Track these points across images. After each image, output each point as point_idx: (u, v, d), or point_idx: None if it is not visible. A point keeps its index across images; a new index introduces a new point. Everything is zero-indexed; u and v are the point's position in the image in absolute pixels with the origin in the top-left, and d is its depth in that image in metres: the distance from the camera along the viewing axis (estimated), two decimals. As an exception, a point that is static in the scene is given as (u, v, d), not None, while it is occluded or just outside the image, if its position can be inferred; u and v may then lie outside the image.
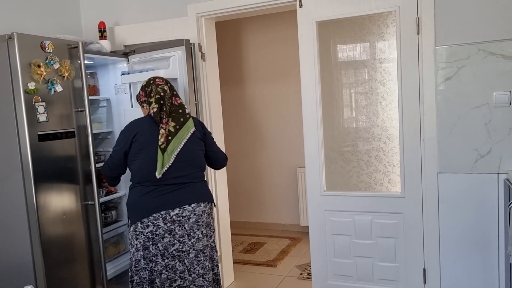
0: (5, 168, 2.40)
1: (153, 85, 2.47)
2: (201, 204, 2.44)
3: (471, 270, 2.55)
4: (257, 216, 5.05)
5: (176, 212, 2.36)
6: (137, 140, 2.39)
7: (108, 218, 3.16)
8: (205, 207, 2.46)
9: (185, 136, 2.41)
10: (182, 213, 2.37)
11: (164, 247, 2.36)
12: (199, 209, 2.42)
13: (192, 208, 2.40)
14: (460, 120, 2.50)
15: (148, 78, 2.54)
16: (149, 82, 2.50)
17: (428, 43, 2.53)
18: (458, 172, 2.53)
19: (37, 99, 2.36)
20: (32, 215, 2.36)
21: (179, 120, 2.41)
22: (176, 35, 3.06)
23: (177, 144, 2.38)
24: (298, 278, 3.59)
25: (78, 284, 2.62)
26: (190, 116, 2.47)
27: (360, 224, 2.79)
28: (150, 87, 2.47)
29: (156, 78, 2.53)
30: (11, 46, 2.27)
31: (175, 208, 2.36)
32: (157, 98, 2.39)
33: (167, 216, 2.35)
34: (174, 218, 2.36)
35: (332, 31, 2.91)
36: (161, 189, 2.37)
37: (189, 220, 2.39)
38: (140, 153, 2.39)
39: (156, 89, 2.43)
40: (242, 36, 4.89)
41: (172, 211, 2.36)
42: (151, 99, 2.42)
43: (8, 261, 2.46)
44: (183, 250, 2.39)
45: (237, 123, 4.97)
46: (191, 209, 2.40)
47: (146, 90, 2.49)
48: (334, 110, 2.99)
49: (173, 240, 2.37)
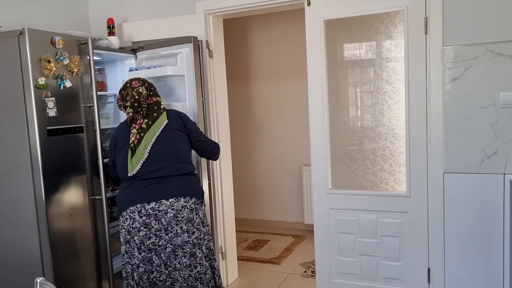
0: (14, 162, 2.43)
1: (129, 88, 2.51)
2: (181, 199, 2.41)
3: (476, 271, 2.56)
4: (261, 213, 5.06)
5: (152, 206, 2.37)
6: (118, 142, 2.52)
7: (114, 213, 3.18)
8: (186, 202, 2.42)
9: (158, 130, 2.45)
10: (158, 207, 2.38)
11: (140, 240, 2.39)
12: (178, 204, 2.40)
13: (170, 203, 2.39)
14: (467, 120, 2.50)
15: (125, 81, 2.58)
16: (126, 85, 2.54)
17: (436, 43, 2.53)
18: (464, 172, 2.53)
19: (47, 94, 2.38)
20: (41, 208, 2.39)
21: (152, 116, 2.47)
22: (183, 32, 3.08)
23: (150, 139, 2.43)
24: (302, 275, 3.60)
25: (85, 277, 2.65)
26: (164, 110, 2.51)
27: (365, 223, 2.80)
28: (126, 90, 2.52)
29: (133, 80, 2.55)
30: (22, 41, 2.30)
31: (151, 202, 2.38)
32: (132, 102, 2.45)
33: (142, 210, 2.37)
34: (150, 212, 2.37)
35: (339, 30, 2.92)
36: (137, 184, 2.42)
37: (166, 214, 2.39)
38: (119, 154, 2.50)
39: (131, 92, 2.48)
40: (249, 34, 4.90)
41: (147, 205, 2.37)
42: (127, 103, 2.48)
43: (17, 254, 2.49)
44: (159, 244, 2.40)
45: (243, 120, 4.99)
46: (169, 204, 2.39)
47: (122, 94, 2.54)
48: (340, 109, 2.99)
49: (149, 233, 2.38)
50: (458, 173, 2.55)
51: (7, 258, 2.52)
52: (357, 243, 2.85)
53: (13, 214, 2.47)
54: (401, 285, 2.77)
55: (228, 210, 3.46)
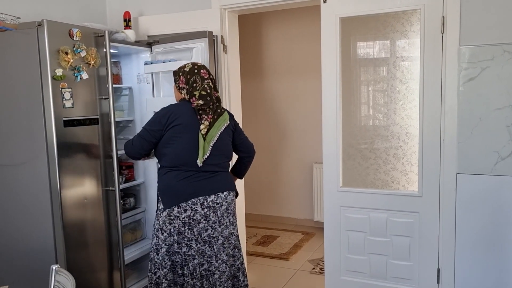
0: (31, 151, 2.47)
1: (197, 76, 2.46)
2: (231, 192, 2.54)
3: (486, 273, 2.54)
4: (271, 209, 5.08)
5: (212, 199, 2.44)
6: (176, 124, 2.40)
7: (127, 205, 3.23)
8: (233, 196, 2.56)
9: (222, 127, 2.49)
10: (216, 199, 2.45)
11: (198, 232, 2.44)
12: (229, 197, 2.52)
13: (224, 195, 2.48)
14: (482, 121, 2.48)
15: (191, 65, 2.50)
16: (193, 70, 2.47)
17: (452, 42, 2.51)
18: (477, 173, 2.52)
19: (64, 86, 2.42)
20: (55, 197, 2.43)
21: (217, 112, 2.49)
22: (199, 27, 3.09)
23: (215, 133, 2.45)
24: (310, 272, 3.62)
25: (96, 267, 2.69)
26: (224, 109, 2.56)
27: (376, 222, 2.80)
28: (194, 77, 2.46)
29: (200, 68, 2.50)
30: (41, 32, 2.33)
31: (211, 195, 2.44)
32: (203, 95, 2.41)
33: (205, 202, 2.42)
34: (210, 204, 2.43)
35: (353, 28, 2.90)
36: (199, 175, 2.42)
37: (221, 207, 2.47)
38: (178, 138, 2.41)
39: (202, 83, 2.44)
40: (263, 30, 4.91)
41: (209, 197, 2.43)
42: (195, 92, 2.43)
43: (31, 242, 2.53)
44: (213, 236, 2.46)
45: (255, 116, 5.00)
46: (224, 197, 2.48)
47: (188, 79, 2.46)
48: (353, 107, 2.99)
49: (207, 225, 2.44)
50: (471, 174, 2.53)
51: (21, 245, 2.57)
52: (366, 241, 2.85)
53: (28, 202, 2.51)
54: (410, 284, 2.76)
55: (239, 205, 3.47)
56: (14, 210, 2.56)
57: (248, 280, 2.70)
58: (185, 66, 2.52)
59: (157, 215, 2.51)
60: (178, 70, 2.54)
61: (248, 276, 3.53)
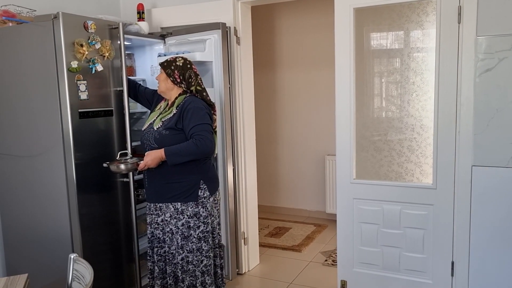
0: (47, 143, 2.50)
1: (191, 71, 2.51)
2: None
3: (501, 266, 2.52)
4: (283, 201, 5.09)
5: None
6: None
7: (140, 196, 3.26)
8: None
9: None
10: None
11: (213, 226, 2.65)
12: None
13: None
14: (499, 113, 2.44)
15: (183, 59, 2.51)
16: (186, 65, 2.50)
17: (469, 32, 2.47)
18: (493, 166, 2.48)
19: (79, 78, 2.44)
20: (71, 188, 2.47)
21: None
22: (212, 19, 3.09)
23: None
24: (322, 264, 3.62)
25: (111, 257, 2.73)
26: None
27: (389, 214, 2.79)
28: (188, 72, 2.50)
29: (191, 63, 2.54)
30: (56, 25, 2.35)
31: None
32: (200, 91, 2.52)
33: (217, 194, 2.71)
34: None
35: (367, 18, 2.87)
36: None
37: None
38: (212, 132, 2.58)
39: (196, 78, 2.53)
40: (276, 21, 4.88)
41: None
42: (192, 87, 2.50)
43: (48, 232, 2.58)
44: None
45: (268, 107, 4.99)
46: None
47: (183, 74, 2.48)
48: (366, 98, 2.96)
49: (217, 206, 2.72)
50: (488, 167, 2.50)
51: (38, 235, 2.62)
52: (380, 233, 2.84)
53: (45, 192, 2.56)
54: (424, 277, 2.75)
55: (251, 197, 3.49)
56: (31, 200, 2.61)
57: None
58: (176, 60, 2.49)
59: (201, 203, 2.46)
60: (168, 63, 2.49)
61: (261, 267, 3.56)
